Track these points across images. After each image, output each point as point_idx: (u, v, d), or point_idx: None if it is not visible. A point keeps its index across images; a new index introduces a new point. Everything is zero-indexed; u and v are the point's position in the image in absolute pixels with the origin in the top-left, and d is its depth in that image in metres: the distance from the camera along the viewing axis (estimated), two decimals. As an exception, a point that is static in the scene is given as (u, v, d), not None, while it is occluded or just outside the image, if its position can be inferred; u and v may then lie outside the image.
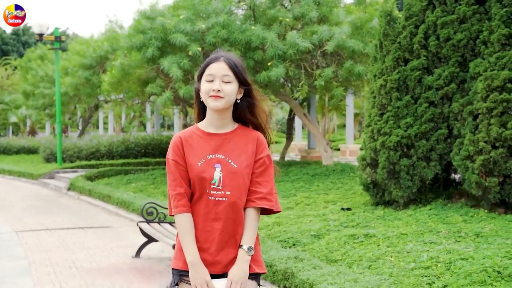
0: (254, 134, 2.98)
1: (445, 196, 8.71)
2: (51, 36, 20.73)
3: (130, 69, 13.59)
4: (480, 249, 5.98)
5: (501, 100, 7.66)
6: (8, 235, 10.09)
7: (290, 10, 12.80)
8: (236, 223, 2.89)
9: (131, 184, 15.59)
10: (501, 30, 7.83)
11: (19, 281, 6.95)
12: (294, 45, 11.87)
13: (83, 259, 8.10)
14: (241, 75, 2.92)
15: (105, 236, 9.94)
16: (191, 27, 12.38)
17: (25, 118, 39.44)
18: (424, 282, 5.20)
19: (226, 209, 2.86)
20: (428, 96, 8.54)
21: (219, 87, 2.85)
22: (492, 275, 4.96)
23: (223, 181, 2.86)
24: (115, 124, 39.75)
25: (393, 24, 9.05)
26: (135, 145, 22.57)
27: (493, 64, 7.84)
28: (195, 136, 2.95)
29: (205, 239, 2.88)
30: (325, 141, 14.70)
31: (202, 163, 2.88)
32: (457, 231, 6.93)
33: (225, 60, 2.91)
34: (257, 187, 2.92)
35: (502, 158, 7.66)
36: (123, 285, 6.71)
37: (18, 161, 26.79)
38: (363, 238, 7.05)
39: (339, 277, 5.38)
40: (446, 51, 8.45)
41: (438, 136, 8.46)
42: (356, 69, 11.84)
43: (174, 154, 2.91)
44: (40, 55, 31.51)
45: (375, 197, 9.16)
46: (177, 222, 2.90)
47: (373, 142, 8.96)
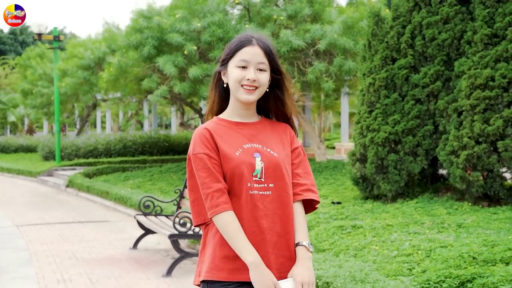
0: (283, 125, 2.68)
1: (431, 190, 9.04)
2: (50, 36, 21.07)
3: (127, 67, 13.91)
4: (460, 238, 6.31)
5: (483, 98, 7.99)
6: (9, 229, 10.40)
7: (284, 9, 13.13)
8: (284, 220, 2.53)
9: (129, 180, 15.90)
10: (484, 30, 8.16)
11: (22, 270, 7.26)
12: (287, 43, 12.19)
13: (83, 251, 8.41)
14: (275, 64, 2.58)
15: (103, 229, 10.26)
16: (187, 27, 12.71)
17: (23, 117, 39.70)
18: (405, 268, 5.51)
19: (271, 205, 2.51)
20: (414, 94, 8.87)
21: (255, 76, 2.51)
22: (467, 260, 5.28)
23: (265, 172, 2.51)
24: (113, 123, 40.02)
25: (381, 24, 9.37)
26: (133, 143, 22.90)
27: (476, 63, 8.17)
28: (221, 127, 2.56)
29: (252, 241, 2.46)
30: (318, 139, 15.03)
31: (241, 153, 2.51)
32: (440, 223, 7.26)
33: (259, 43, 2.55)
34: (299, 179, 2.60)
35: (485, 153, 7.99)
36: (121, 274, 7.03)
37: (17, 159, 27.08)
38: (350, 229, 7.37)
39: (325, 264, 5.69)
40: (431, 50, 8.78)
41: (424, 132, 8.78)
42: (346, 65, 12.19)
43: (204, 147, 2.49)
44: (39, 53, 31.80)
45: (364, 191, 9.49)
46: (222, 223, 2.44)
47: (362, 138, 9.29)
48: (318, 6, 12.85)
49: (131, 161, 20.88)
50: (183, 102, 18.00)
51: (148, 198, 8.99)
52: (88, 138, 23.68)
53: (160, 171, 16.73)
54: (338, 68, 12.30)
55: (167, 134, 24.89)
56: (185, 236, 7.10)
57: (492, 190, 8.09)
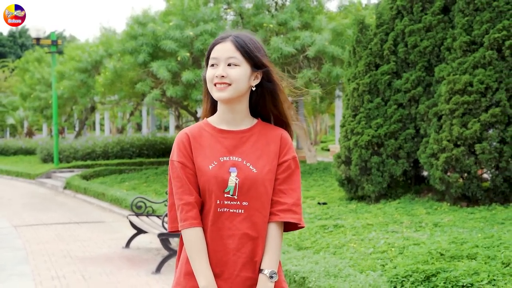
0: (277, 132, 2.45)
1: (413, 191, 9.40)
2: (48, 40, 21.41)
3: (122, 71, 14.28)
4: (434, 236, 6.65)
5: (462, 102, 8.33)
6: (7, 229, 10.73)
7: (274, 17, 13.49)
8: (255, 242, 2.35)
9: (125, 182, 16.24)
10: (463, 38, 8.51)
11: (18, 268, 7.60)
12: (278, 49, 12.56)
13: (77, 250, 8.75)
14: (252, 55, 2.36)
15: (98, 230, 10.60)
16: (180, 34, 13.08)
17: (23, 120, 40.05)
18: (378, 264, 5.85)
19: (242, 224, 2.33)
20: (397, 99, 9.23)
21: (223, 72, 2.33)
22: (435, 256, 5.62)
23: (240, 189, 2.33)
24: (111, 125, 40.38)
25: (365, 31, 9.73)
26: (130, 145, 23.25)
27: (456, 69, 8.52)
28: (205, 133, 2.42)
29: (217, 261, 2.35)
30: (309, 141, 15.39)
31: (214, 166, 2.35)
32: (418, 222, 7.61)
33: (232, 39, 2.37)
34: (281, 196, 2.39)
35: (463, 155, 8.33)
36: (113, 271, 7.37)
37: (16, 161, 27.42)
38: (332, 228, 7.71)
39: (303, 260, 6.03)
40: (413, 57, 9.13)
41: (406, 135, 9.14)
42: (334, 71, 12.56)
43: (180, 155, 2.37)
44: (37, 57, 32.15)
45: (349, 192, 9.84)
46: (186, 239, 2.34)
47: (347, 141, 9.64)
48: (307, 16, 13.22)
49: (128, 164, 21.22)
50: (178, 106, 18.36)
51: (140, 199, 9.33)
52: (86, 141, 24.03)
53: (156, 173, 17.08)
54: (326, 74, 12.66)
55: (164, 137, 25.26)
56: (174, 235, 7.44)
57: (470, 191, 8.43)
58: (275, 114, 2.48)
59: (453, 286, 4.85)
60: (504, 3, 8.24)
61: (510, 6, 8.21)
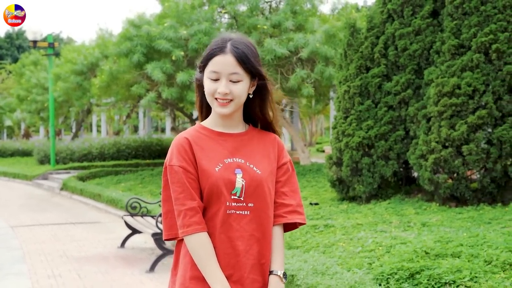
0: (272, 136, 2.49)
1: (404, 191, 9.57)
2: (45, 43, 21.54)
3: (118, 74, 14.43)
4: (421, 235, 6.82)
5: (450, 105, 8.51)
6: (4, 229, 10.89)
7: (268, 19, 13.67)
8: (262, 243, 2.36)
9: (121, 183, 16.39)
10: (451, 41, 8.69)
11: (15, 267, 7.76)
12: (271, 51, 12.73)
13: (73, 249, 8.91)
14: (253, 69, 2.34)
15: (94, 230, 10.76)
16: (175, 34, 13.25)
17: (20, 122, 40.15)
18: (365, 262, 6.02)
19: (249, 226, 2.33)
20: (387, 101, 9.40)
21: (226, 89, 2.30)
22: (420, 255, 5.78)
23: (246, 190, 2.33)
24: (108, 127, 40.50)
25: (356, 35, 9.90)
26: (126, 147, 23.39)
27: (444, 72, 8.69)
28: (203, 136, 2.38)
29: (226, 264, 2.31)
30: (302, 143, 15.57)
31: (220, 168, 2.32)
32: (407, 222, 7.78)
33: (232, 51, 2.31)
34: (284, 198, 2.42)
35: (451, 157, 8.50)
36: (108, 270, 7.53)
37: (13, 163, 27.54)
38: (323, 228, 7.88)
39: (292, 259, 6.19)
40: (403, 60, 9.31)
41: (396, 137, 9.31)
42: (326, 71, 12.74)
43: (181, 159, 2.31)
44: (34, 61, 32.26)
45: (341, 193, 10.01)
46: (192, 245, 2.29)
47: (338, 143, 9.82)
48: (301, 18, 13.41)
49: (124, 165, 21.36)
50: (174, 107, 18.51)
51: (135, 199, 9.49)
52: (83, 142, 24.17)
53: (151, 174, 17.24)
54: (319, 75, 12.84)
55: (159, 138, 25.42)
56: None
57: (458, 192, 8.60)
58: (262, 120, 2.49)
59: (436, 283, 5.02)
60: (491, 8, 8.42)
61: (497, 11, 8.39)
